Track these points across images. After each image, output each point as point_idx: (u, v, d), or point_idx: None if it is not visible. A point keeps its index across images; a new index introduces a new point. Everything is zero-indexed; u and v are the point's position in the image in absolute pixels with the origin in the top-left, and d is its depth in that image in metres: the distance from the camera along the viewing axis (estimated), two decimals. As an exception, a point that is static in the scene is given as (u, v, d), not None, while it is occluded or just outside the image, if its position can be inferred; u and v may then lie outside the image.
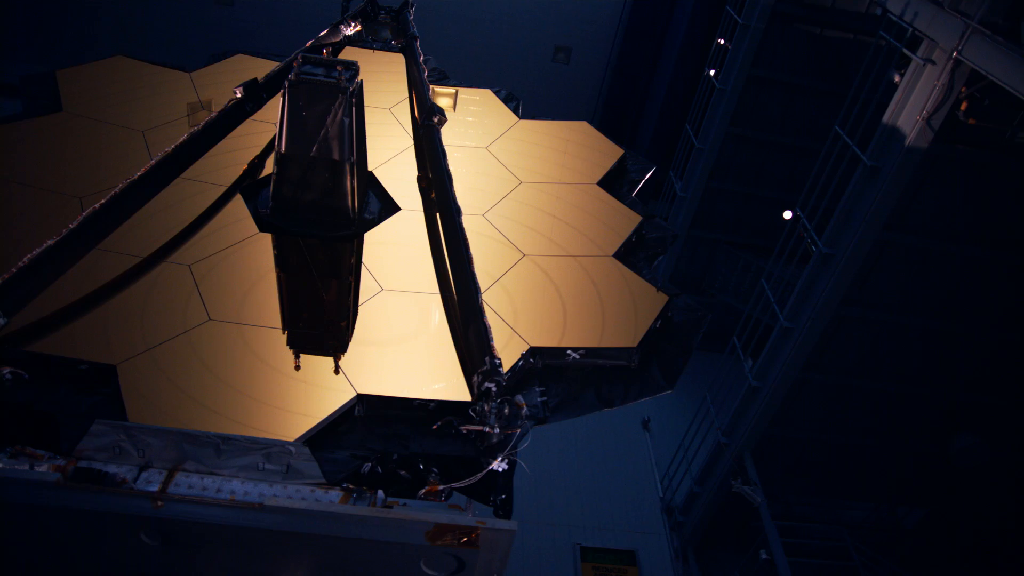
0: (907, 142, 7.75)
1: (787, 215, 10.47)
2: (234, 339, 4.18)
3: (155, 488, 3.15)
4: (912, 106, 7.77)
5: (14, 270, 3.81)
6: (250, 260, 4.86)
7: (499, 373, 3.74)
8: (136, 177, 4.58)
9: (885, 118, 8.14)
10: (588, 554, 11.61)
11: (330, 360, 4.18)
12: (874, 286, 9.35)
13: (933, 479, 11.69)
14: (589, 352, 4.43)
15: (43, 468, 3.23)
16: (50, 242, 4.01)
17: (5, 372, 3.69)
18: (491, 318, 4.03)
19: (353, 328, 4.49)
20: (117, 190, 4.44)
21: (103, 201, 4.34)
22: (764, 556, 9.99)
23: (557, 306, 4.75)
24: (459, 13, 17.63)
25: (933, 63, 7.50)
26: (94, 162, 5.47)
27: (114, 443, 3.36)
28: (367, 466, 3.65)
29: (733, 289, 14.65)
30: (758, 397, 10.41)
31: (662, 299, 4.91)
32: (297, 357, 4.19)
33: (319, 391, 3.89)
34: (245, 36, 8.07)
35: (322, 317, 4.77)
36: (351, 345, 4.28)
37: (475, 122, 6.89)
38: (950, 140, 7.92)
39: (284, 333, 4.37)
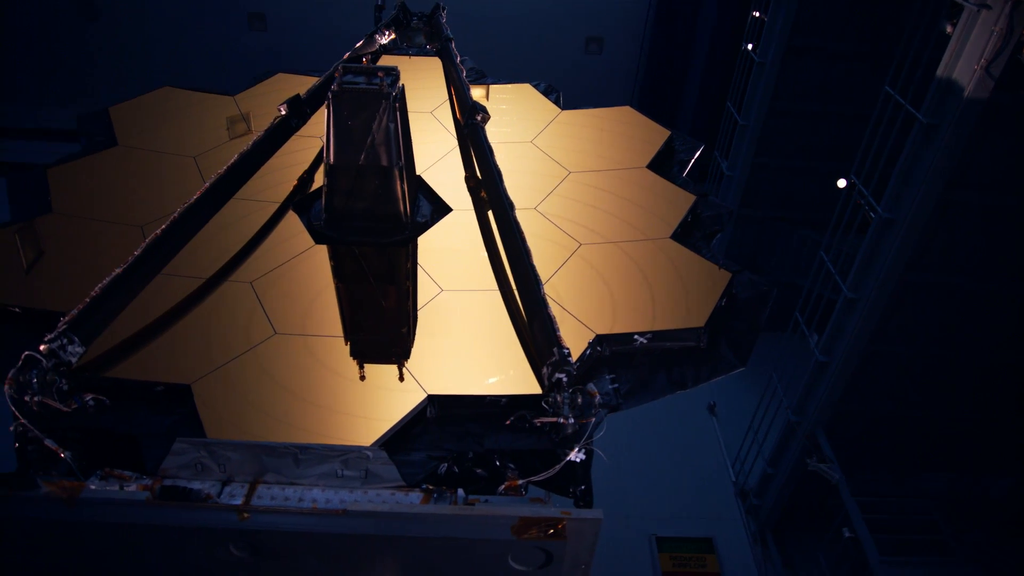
0: (965, 94, 7.45)
1: (841, 183, 10.18)
2: (301, 351, 4.22)
3: (239, 501, 3.19)
4: (968, 56, 7.46)
5: (87, 300, 3.91)
6: (308, 273, 4.91)
7: (569, 363, 3.69)
8: (192, 201, 4.66)
9: (939, 72, 7.84)
10: (664, 544, 11.48)
11: (396, 366, 4.19)
12: (940, 249, 9.02)
13: (1020, 447, 11.23)
14: (656, 336, 4.36)
15: (132, 488, 3.30)
16: (118, 271, 4.10)
17: (88, 399, 3.78)
18: (554, 309, 3.98)
19: (414, 332, 4.49)
20: (175, 216, 4.52)
21: (163, 227, 4.43)
22: (847, 534, 9.74)
23: (619, 292, 4.68)
24: (489, 13, 17.65)
25: (988, 7, 7.18)
26: (151, 191, 5.60)
27: (196, 460, 3.41)
28: (443, 467, 3.65)
29: (789, 266, 14.32)
30: (826, 372, 10.15)
31: (725, 276, 4.80)
32: (361, 367, 4.20)
33: (389, 395, 3.90)
34: (282, 58, 8.23)
35: (383, 324, 4.79)
36: (417, 348, 4.28)
37: (517, 117, 6.86)
38: (1013, 87, 7.56)
39: (347, 344, 4.39)
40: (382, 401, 3.87)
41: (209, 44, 17.88)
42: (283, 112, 5.63)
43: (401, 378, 4.05)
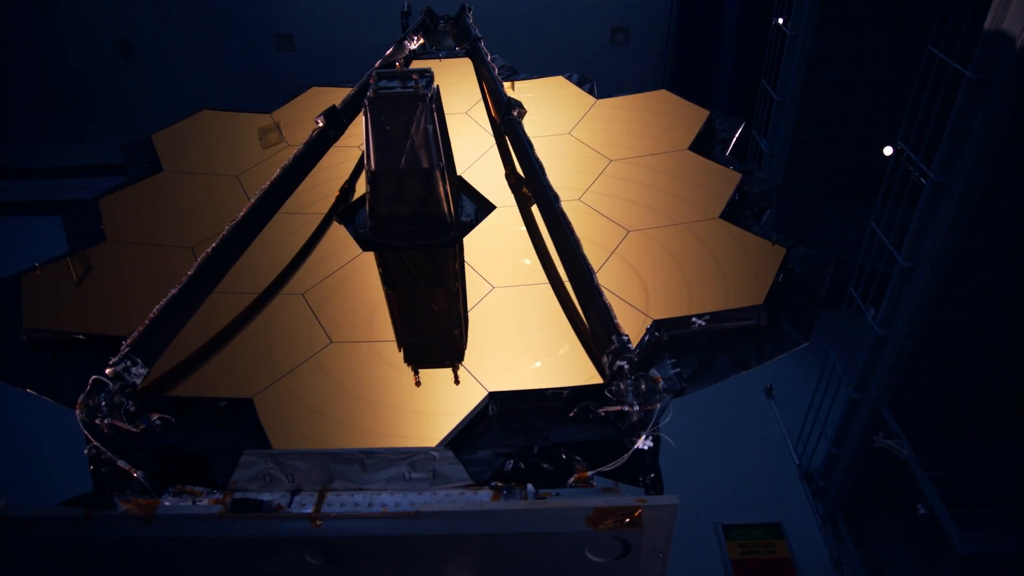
0: (1017, 44, 7.16)
1: (887, 151, 9.89)
2: (358, 357, 4.22)
3: (309, 510, 3.19)
4: (1018, 5, 7.17)
5: (147, 322, 3.97)
6: (358, 280, 4.93)
7: (629, 350, 3.63)
8: (239, 219, 4.70)
9: (987, 24, 7.55)
10: (731, 532, 11.29)
11: (451, 368, 4.17)
12: (999, 210, 8.69)
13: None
14: (714, 316, 4.26)
15: (204, 503, 3.33)
16: (173, 291, 4.16)
17: (154, 419, 3.84)
18: (608, 297, 3.93)
19: (467, 333, 4.46)
20: (224, 233, 4.58)
21: (213, 246, 4.48)
22: (922, 511, 9.45)
23: (673, 275, 4.60)
24: (512, 12, 17.61)
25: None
26: (199, 212, 5.69)
27: (264, 471, 3.43)
28: (510, 463, 3.61)
29: (837, 240, 13.97)
30: (887, 345, 9.85)
31: (780, 252, 4.69)
32: (416, 373, 4.18)
33: (450, 395, 3.88)
34: (312, 75, 8.36)
35: (436, 327, 4.77)
36: (474, 345, 4.26)
37: (553, 110, 6.81)
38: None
39: (400, 351, 4.38)
40: (443, 401, 3.85)
41: (241, 68, 18.19)
42: (320, 124, 5.67)
43: (457, 380, 4.02)
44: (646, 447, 3.52)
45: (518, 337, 4.32)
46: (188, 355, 4.26)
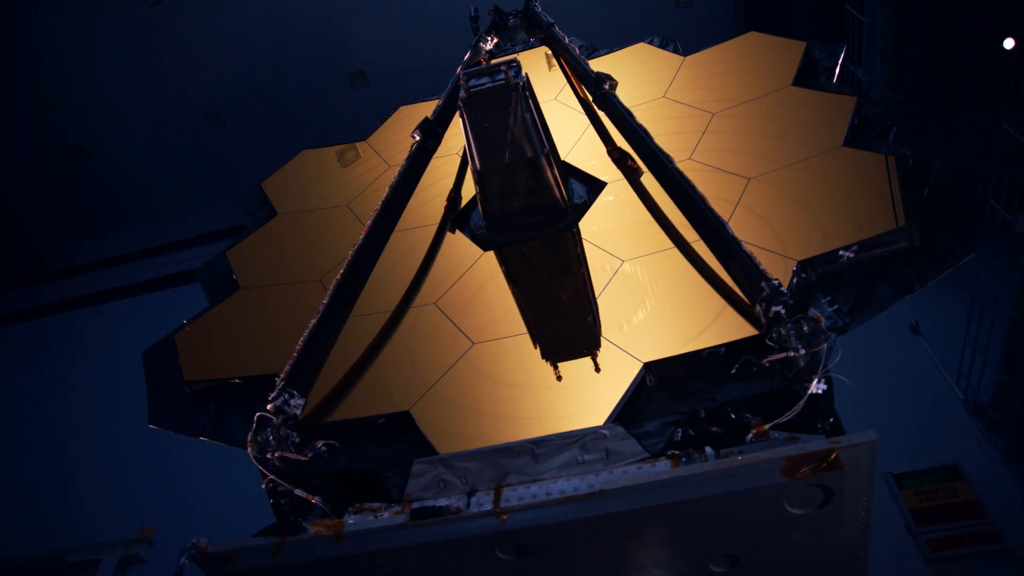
0: None
1: (1008, 43, 9.11)
2: (503, 353, 4.21)
3: (488, 509, 3.17)
4: None
5: (295, 355, 4.08)
6: (485, 280, 4.92)
7: (783, 294, 3.44)
8: (360, 242, 4.78)
9: None
10: (904, 481, 10.63)
11: (591, 357, 4.07)
12: None
13: None
14: (863, 245, 3.99)
15: (384, 516, 3.38)
16: (314, 321, 4.26)
17: (320, 446, 3.93)
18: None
19: (602, 312, 4.35)
20: (349, 259, 4.66)
21: (341, 272, 4.57)
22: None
23: (807, 213, 4.35)
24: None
25: None
26: (319, 245, 5.84)
27: (437, 478, 3.45)
28: (678, 432, 3.48)
29: (961, 154, 13.00)
30: (1044, 254, 9.07)
31: (920, 167, 4.35)
32: (555, 367, 4.10)
33: (604, 374, 3.80)
34: (394, 102, 8.52)
35: (567, 317, 4.68)
36: (618, 320, 4.15)
37: (643, 77, 6.63)
38: None
39: (536, 347, 4.32)
40: (599, 381, 3.77)
41: (323, 113, 18.79)
42: (417, 138, 5.71)
43: (597, 369, 3.91)
44: (820, 391, 3.32)
45: (660, 304, 4.18)
46: (339, 380, 4.35)
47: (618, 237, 4.85)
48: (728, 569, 3.06)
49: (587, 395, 3.71)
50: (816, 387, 3.29)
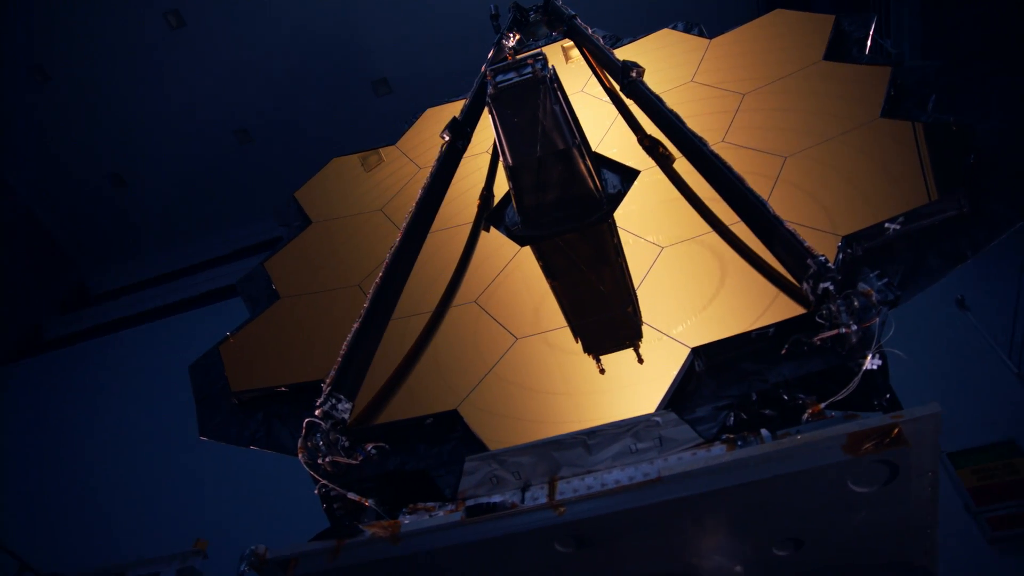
0: None
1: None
2: (548, 346, 4.18)
3: (544, 502, 3.14)
4: None
5: (339, 359, 4.10)
6: (524, 276, 4.90)
7: (830, 270, 3.38)
8: (397, 245, 4.79)
9: None
10: (959, 459, 10.35)
11: (634, 348, 4.03)
12: None
13: None
14: (909, 216, 3.88)
15: (439, 515, 3.37)
16: (356, 325, 4.29)
17: (369, 448, 3.94)
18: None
19: (638, 306, 4.29)
20: (387, 261, 4.67)
21: (380, 275, 4.58)
22: None
23: (849, 187, 4.25)
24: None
25: None
26: (355, 251, 5.87)
27: (489, 474, 3.43)
28: (731, 417, 3.42)
29: (1004, 117, 12.63)
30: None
31: (963, 133, 4.23)
32: (598, 360, 4.06)
33: (652, 362, 3.75)
34: (419, 107, 8.55)
35: (607, 309, 4.63)
36: (662, 307, 4.10)
37: (668, 62, 6.56)
38: None
39: (578, 341, 4.28)
40: (647, 369, 3.73)
41: (349, 122, 18.93)
42: (447, 138, 5.71)
43: (640, 360, 3.86)
44: (875, 367, 3.25)
45: (703, 287, 4.12)
46: (385, 382, 4.37)
47: (656, 224, 4.79)
48: (792, 552, 3.00)
49: (635, 384, 3.67)
50: (871, 363, 3.22)
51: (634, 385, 3.66)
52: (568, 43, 7.76)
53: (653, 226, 4.79)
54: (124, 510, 11.69)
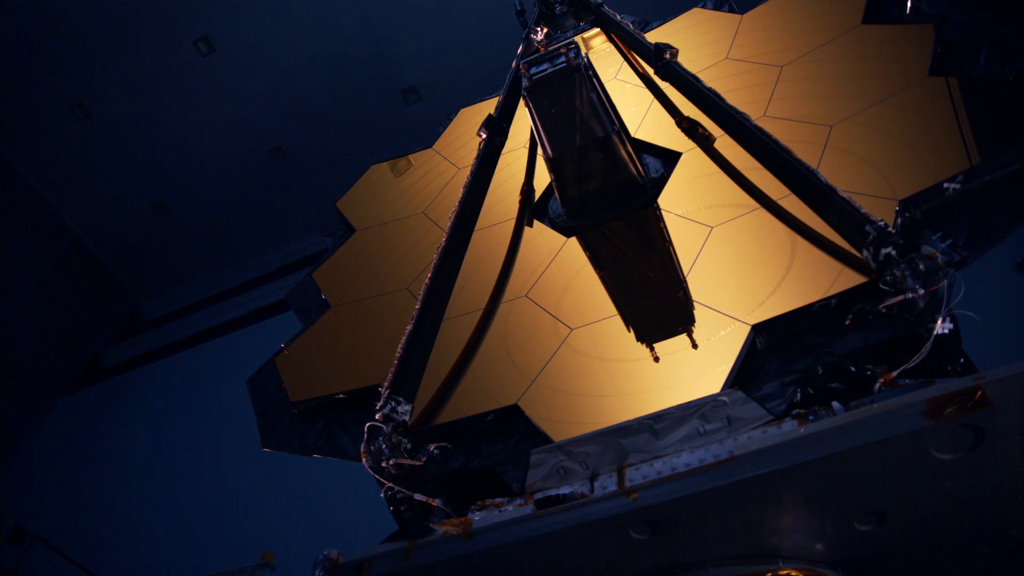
0: None
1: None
2: (604, 335, 4.14)
3: (614, 490, 3.10)
4: None
5: (396, 362, 4.10)
6: (574, 267, 4.86)
7: (891, 234, 3.26)
8: (443, 245, 4.78)
9: None
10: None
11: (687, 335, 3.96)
12: None
13: None
14: (968, 174, 3.74)
15: (509, 510, 3.34)
16: (409, 327, 4.28)
17: (432, 449, 3.94)
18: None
19: (689, 291, 4.21)
20: (435, 262, 4.66)
21: (430, 275, 4.58)
22: None
23: (903, 148, 4.13)
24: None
25: None
26: (402, 255, 5.89)
27: (556, 465, 3.40)
28: (798, 392, 3.34)
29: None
30: None
31: (1019, 84, 4.07)
32: (651, 349, 4.00)
33: (713, 343, 3.68)
34: (450, 112, 8.59)
35: (658, 295, 4.55)
36: (716, 286, 4.03)
37: (701, 40, 6.46)
38: None
39: (630, 330, 4.22)
40: (707, 350, 3.66)
41: (383, 131, 19.05)
42: (484, 136, 5.68)
43: (695, 345, 3.79)
44: (946, 331, 3.13)
45: (758, 264, 4.04)
46: (443, 382, 4.36)
47: (702, 205, 4.71)
48: (875, 527, 2.91)
49: (697, 365, 3.61)
50: (942, 327, 3.10)
51: (696, 367, 3.59)
52: (588, 35, 7.69)
53: (700, 207, 4.71)
54: (191, 527, 11.92)
